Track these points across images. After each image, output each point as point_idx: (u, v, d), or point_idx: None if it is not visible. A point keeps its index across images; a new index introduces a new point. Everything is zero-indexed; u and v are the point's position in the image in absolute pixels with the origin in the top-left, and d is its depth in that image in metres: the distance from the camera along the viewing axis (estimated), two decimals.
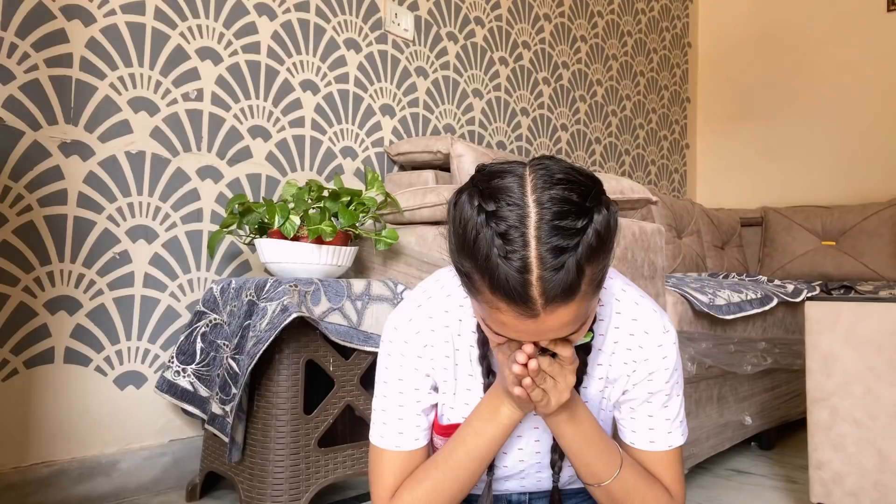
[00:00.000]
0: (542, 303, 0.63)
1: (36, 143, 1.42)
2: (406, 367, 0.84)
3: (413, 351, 0.84)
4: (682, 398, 0.86)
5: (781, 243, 3.31)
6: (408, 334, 0.84)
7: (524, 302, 0.63)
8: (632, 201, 1.57)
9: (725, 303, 1.79)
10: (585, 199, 0.65)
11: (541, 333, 0.66)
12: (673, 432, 0.85)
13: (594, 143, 3.16)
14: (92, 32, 1.50)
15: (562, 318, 0.65)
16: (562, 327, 0.66)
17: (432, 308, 0.84)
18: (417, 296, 0.86)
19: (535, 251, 0.62)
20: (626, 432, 0.87)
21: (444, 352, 0.84)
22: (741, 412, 1.89)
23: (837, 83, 3.54)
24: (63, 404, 1.45)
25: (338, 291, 1.44)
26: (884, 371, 1.32)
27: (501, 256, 0.63)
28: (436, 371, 0.85)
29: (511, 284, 0.62)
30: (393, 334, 0.85)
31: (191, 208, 1.67)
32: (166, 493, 1.57)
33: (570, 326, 0.66)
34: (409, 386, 0.84)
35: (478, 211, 0.65)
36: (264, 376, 1.39)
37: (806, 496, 1.61)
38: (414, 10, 2.27)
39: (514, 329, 0.66)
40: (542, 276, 0.62)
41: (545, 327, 0.65)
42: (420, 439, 0.86)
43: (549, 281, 0.62)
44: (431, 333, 0.84)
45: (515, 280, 0.62)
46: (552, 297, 0.63)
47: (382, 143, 2.16)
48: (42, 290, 1.43)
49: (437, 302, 0.85)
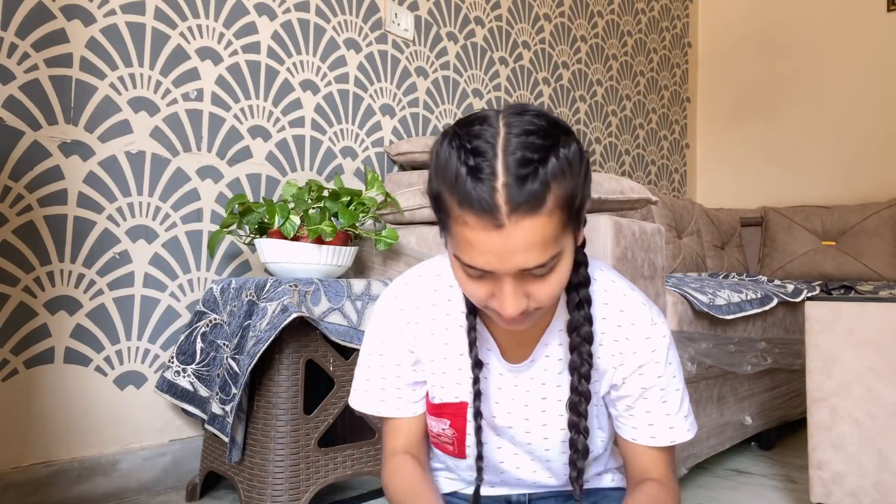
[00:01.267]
0: (507, 210, 0.64)
1: (36, 143, 1.42)
2: (388, 342, 0.86)
3: (395, 328, 0.86)
4: (682, 392, 0.84)
5: (781, 243, 3.31)
6: (392, 311, 0.86)
7: (489, 210, 0.64)
8: (632, 201, 1.57)
9: (725, 303, 1.79)
10: (554, 127, 0.68)
11: (509, 253, 0.65)
12: (676, 427, 0.83)
13: (594, 143, 3.16)
14: (92, 32, 1.50)
15: (528, 235, 0.65)
16: (529, 248, 0.65)
17: (420, 286, 0.86)
18: (408, 274, 0.88)
19: (501, 160, 0.64)
20: (626, 429, 0.85)
21: (430, 329, 0.85)
22: (741, 412, 1.89)
23: (837, 83, 3.54)
24: (63, 404, 1.45)
25: (338, 291, 1.44)
26: (884, 371, 1.32)
27: (470, 167, 0.65)
28: (420, 349, 0.86)
29: (477, 192, 0.64)
30: (378, 309, 0.88)
31: (191, 208, 1.67)
32: (166, 493, 1.57)
33: (538, 251, 0.66)
34: (390, 361, 0.87)
35: (452, 136, 0.69)
36: (264, 376, 1.39)
37: (806, 496, 1.61)
38: (414, 10, 2.27)
39: (481, 249, 0.66)
40: (506, 182, 0.64)
41: (512, 244, 0.65)
42: (402, 409, 0.88)
43: (513, 187, 0.63)
44: (417, 311, 0.85)
45: (481, 187, 0.64)
46: (517, 204, 0.63)
47: (382, 143, 2.16)
48: (42, 290, 1.43)
49: (427, 280, 0.86)
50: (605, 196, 1.49)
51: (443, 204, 0.69)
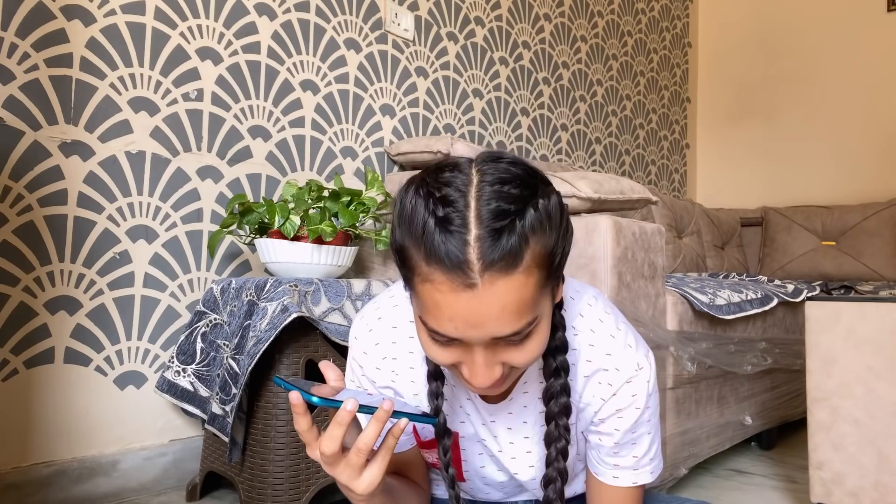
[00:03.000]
0: (480, 268, 0.57)
1: (36, 143, 1.42)
2: (367, 377, 0.82)
3: (372, 363, 0.81)
4: (654, 436, 0.81)
5: (781, 243, 3.31)
6: (367, 345, 0.81)
7: (460, 267, 0.57)
8: (632, 201, 1.57)
9: (725, 303, 1.79)
10: (532, 176, 0.62)
11: (481, 319, 0.59)
12: (639, 470, 0.81)
13: (594, 143, 3.16)
14: (92, 32, 1.50)
15: (503, 297, 0.58)
16: (503, 313, 0.59)
17: (395, 318, 0.81)
18: (382, 303, 0.83)
19: (474, 211, 0.58)
20: (591, 462, 0.83)
21: (409, 363, 0.81)
22: (741, 412, 1.89)
23: (837, 83, 3.54)
24: (63, 404, 1.45)
25: (338, 291, 1.44)
26: (884, 371, 1.32)
27: (439, 217, 0.58)
28: (399, 384, 0.82)
29: (447, 247, 0.57)
30: (353, 343, 0.83)
31: (191, 208, 1.67)
32: (166, 493, 1.57)
33: (513, 317, 0.59)
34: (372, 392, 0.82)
35: (420, 183, 0.62)
36: (264, 376, 1.39)
37: (806, 496, 1.61)
38: (414, 10, 2.27)
39: (450, 313, 0.59)
40: (479, 235, 0.57)
41: (485, 308, 0.58)
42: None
43: (486, 241, 0.57)
44: (393, 346, 0.80)
45: (451, 241, 0.57)
46: (490, 262, 0.57)
47: (382, 143, 2.16)
48: (42, 290, 1.43)
49: (402, 311, 0.81)
50: (605, 196, 1.49)
51: (407, 259, 0.62)
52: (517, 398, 0.80)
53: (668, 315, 1.60)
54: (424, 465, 0.91)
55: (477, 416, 0.82)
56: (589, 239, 1.42)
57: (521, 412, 0.81)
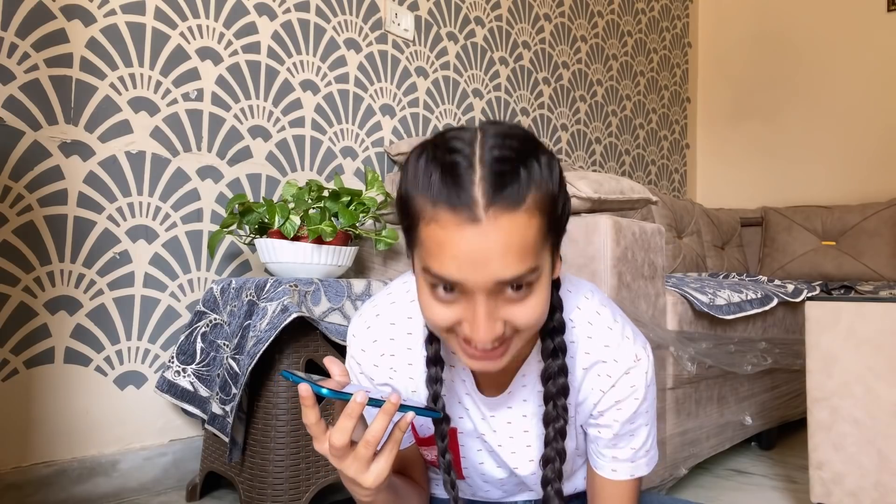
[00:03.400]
0: (485, 203, 0.59)
1: (36, 143, 1.42)
2: (365, 375, 0.82)
3: (369, 360, 0.82)
4: (651, 427, 0.82)
5: (781, 243, 3.31)
6: (365, 342, 0.82)
7: (465, 203, 0.59)
8: (632, 201, 1.57)
9: (725, 303, 1.79)
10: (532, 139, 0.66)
11: (483, 254, 0.60)
12: (637, 462, 0.82)
13: (594, 143, 3.16)
14: (92, 32, 1.50)
15: (507, 235, 0.60)
16: (507, 251, 0.60)
17: (394, 315, 0.81)
18: (380, 301, 0.83)
19: (479, 156, 0.61)
20: (590, 455, 0.84)
21: (407, 359, 0.81)
22: (741, 412, 1.89)
23: (837, 83, 3.54)
24: (63, 404, 1.45)
25: (338, 291, 1.44)
26: (884, 371, 1.32)
27: (446, 163, 0.62)
28: (397, 380, 0.82)
29: (453, 186, 0.60)
30: (351, 341, 0.83)
31: (191, 208, 1.67)
32: (166, 493, 1.57)
33: (516, 257, 0.61)
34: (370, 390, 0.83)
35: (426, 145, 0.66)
36: (264, 376, 1.39)
37: (806, 496, 1.61)
38: (414, 10, 2.27)
39: (454, 251, 0.60)
40: (484, 175, 0.60)
41: (489, 242, 0.60)
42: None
43: (491, 180, 0.60)
44: (391, 342, 0.81)
45: (458, 182, 0.60)
46: (494, 198, 0.59)
47: (382, 143, 2.16)
48: (42, 290, 1.43)
49: (400, 308, 0.81)
50: (605, 196, 1.49)
51: (412, 209, 0.64)
52: (516, 392, 0.81)
53: (668, 315, 1.60)
54: (424, 464, 0.92)
55: (476, 410, 0.82)
56: (589, 239, 1.42)
57: (520, 406, 0.81)
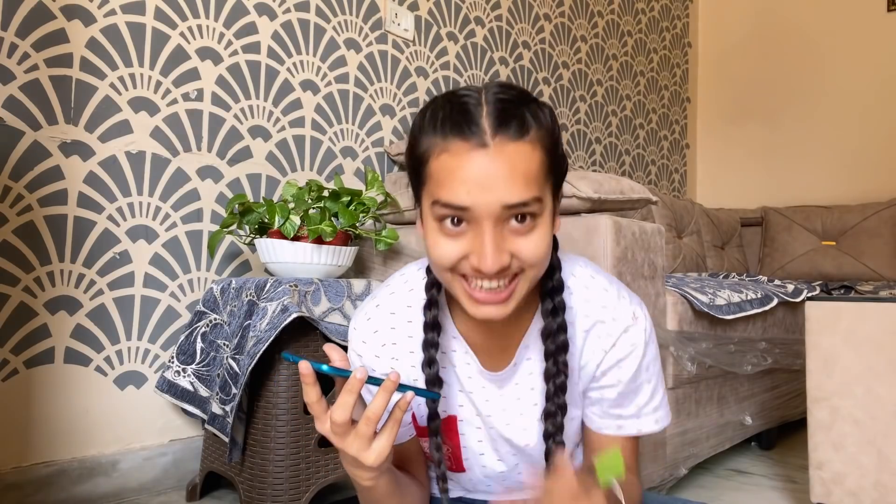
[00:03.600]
0: (492, 132, 0.65)
1: (36, 143, 1.42)
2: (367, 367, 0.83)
3: (371, 350, 0.83)
4: (656, 385, 0.83)
5: (781, 243, 3.31)
6: (366, 334, 0.83)
7: (474, 131, 0.65)
8: (632, 201, 1.57)
9: (725, 303, 1.79)
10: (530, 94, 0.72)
11: (491, 178, 0.64)
12: (643, 417, 0.82)
13: (594, 143, 3.16)
14: (92, 32, 1.50)
15: (512, 160, 0.65)
16: (513, 175, 0.65)
17: (393, 304, 0.83)
18: (379, 293, 0.85)
19: (485, 98, 0.68)
20: (594, 420, 0.84)
21: (408, 347, 0.82)
22: (741, 412, 1.89)
23: (837, 83, 3.54)
24: (63, 404, 1.45)
25: (338, 291, 1.44)
26: (884, 371, 1.32)
27: (455, 104, 0.68)
28: (399, 370, 0.82)
29: (463, 118, 0.66)
30: (352, 334, 0.85)
31: (191, 208, 1.67)
32: (166, 493, 1.57)
33: (521, 183, 0.65)
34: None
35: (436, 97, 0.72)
36: (264, 376, 1.39)
37: (806, 496, 1.61)
38: (414, 10, 2.27)
39: (463, 176, 0.65)
40: (490, 111, 0.66)
41: (496, 165, 0.65)
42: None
43: (496, 113, 0.66)
44: (392, 331, 0.83)
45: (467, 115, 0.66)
46: (501, 127, 0.65)
47: (382, 143, 2.16)
48: (42, 290, 1.43)
49: (399, 297, 0.83)
50: (605, 196, 1.49)
51: (422, 150, 0.69)
52: (521, 364, 0.82)
53: (668, 315, 1.60)
54: (424, 462, 0.92)
55: (482, 392, 0.83)
56: (589, 239, 1.42)
57: (526, 379, 0.82)
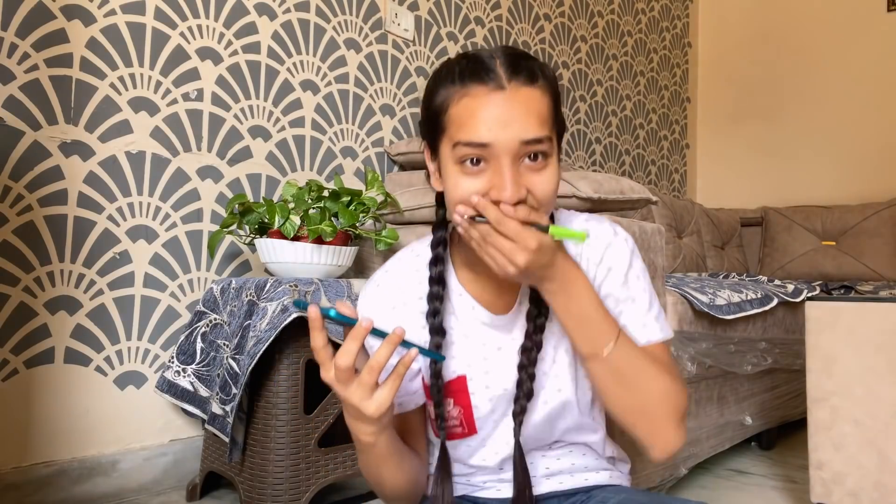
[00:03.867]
0: (507, 77, 0.72)
1: (36, 143, 1.42)
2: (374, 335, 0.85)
3: (380, 312, 0.85)
4: (650, 294, 0.85)
5: (781, 243, 3.31)
6: (374, 300, 0.86)
7: (491, 76, 0.72)
8: (632, 201, 1.57)
9: (725, 303, 1.79)
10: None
11: (509, 116, 0.71)
12: (648, 325, 0.83)
13: (594, 143, 3.16)
14: (92, 32, 1.50)
15: (527, 101, 0.72)
16: (528, 113, 0.72)
17: (401, 268, 0.87)
18: (387, 263, 0.90)
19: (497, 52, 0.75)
20: None
21: (418, 308, 0.84)
22: (741, 412, 1.89)
23: (837, 83, 3.54)
24: (63, 404, 1.45)
25: (338, 291, 1.44)
26: (884, 371, 1.32)
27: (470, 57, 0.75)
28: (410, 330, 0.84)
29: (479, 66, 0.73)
30: (361, 302, 0.87)
31: (191, 208, 1.67)
32: (166, 493, 1.57)
33: (536, 121, 0.72)
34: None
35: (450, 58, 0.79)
36: (264, 376, 1.39)
37: (806, 496, 1.61)
38: (414, 10, 2.27)
39: (482, 116, 0.71)
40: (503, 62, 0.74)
41: (512, 104, 0.71)
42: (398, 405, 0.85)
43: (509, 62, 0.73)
44: (400, 292, 0.85)
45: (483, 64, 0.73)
46: (514, 73, 0.73)
47: (382, 143, 2.16)
48: (42, 290, 1.43)
49: (406, 262, 0.88)
50: (605, 196, 1.49)
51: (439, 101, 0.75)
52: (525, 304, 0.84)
53: (668, 315, 1.60)
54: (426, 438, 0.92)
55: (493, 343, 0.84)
56: None
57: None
